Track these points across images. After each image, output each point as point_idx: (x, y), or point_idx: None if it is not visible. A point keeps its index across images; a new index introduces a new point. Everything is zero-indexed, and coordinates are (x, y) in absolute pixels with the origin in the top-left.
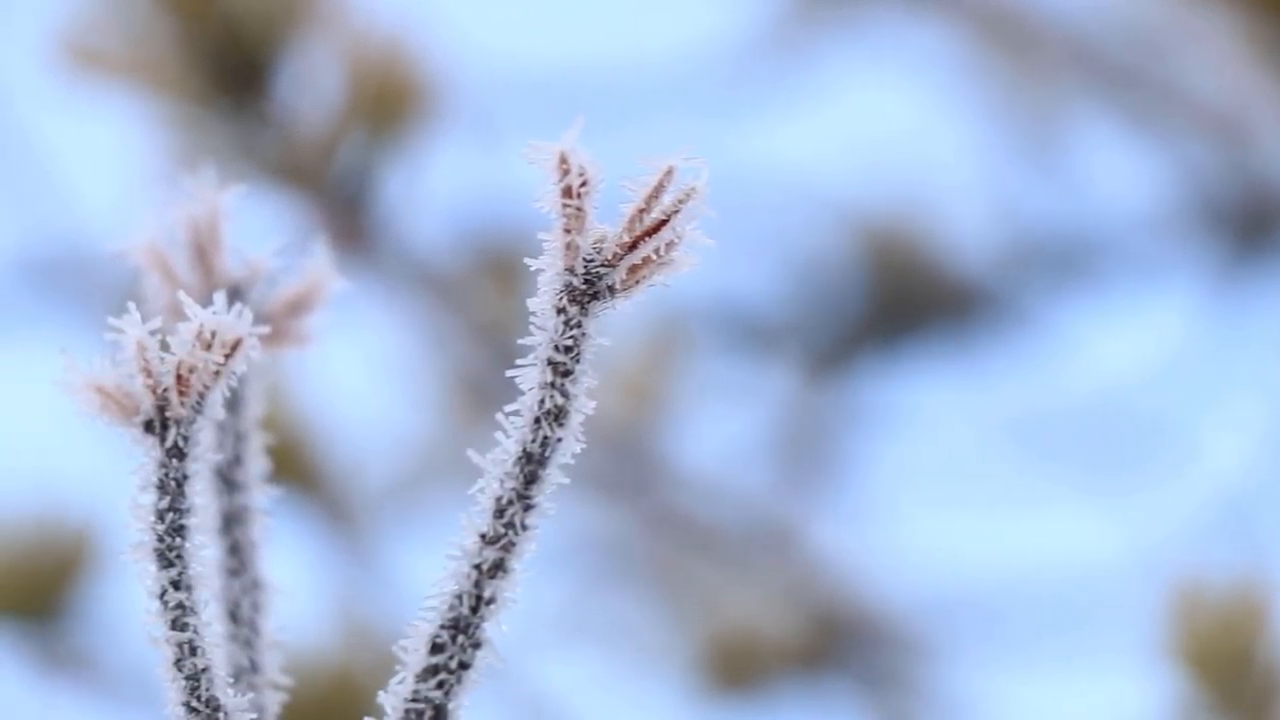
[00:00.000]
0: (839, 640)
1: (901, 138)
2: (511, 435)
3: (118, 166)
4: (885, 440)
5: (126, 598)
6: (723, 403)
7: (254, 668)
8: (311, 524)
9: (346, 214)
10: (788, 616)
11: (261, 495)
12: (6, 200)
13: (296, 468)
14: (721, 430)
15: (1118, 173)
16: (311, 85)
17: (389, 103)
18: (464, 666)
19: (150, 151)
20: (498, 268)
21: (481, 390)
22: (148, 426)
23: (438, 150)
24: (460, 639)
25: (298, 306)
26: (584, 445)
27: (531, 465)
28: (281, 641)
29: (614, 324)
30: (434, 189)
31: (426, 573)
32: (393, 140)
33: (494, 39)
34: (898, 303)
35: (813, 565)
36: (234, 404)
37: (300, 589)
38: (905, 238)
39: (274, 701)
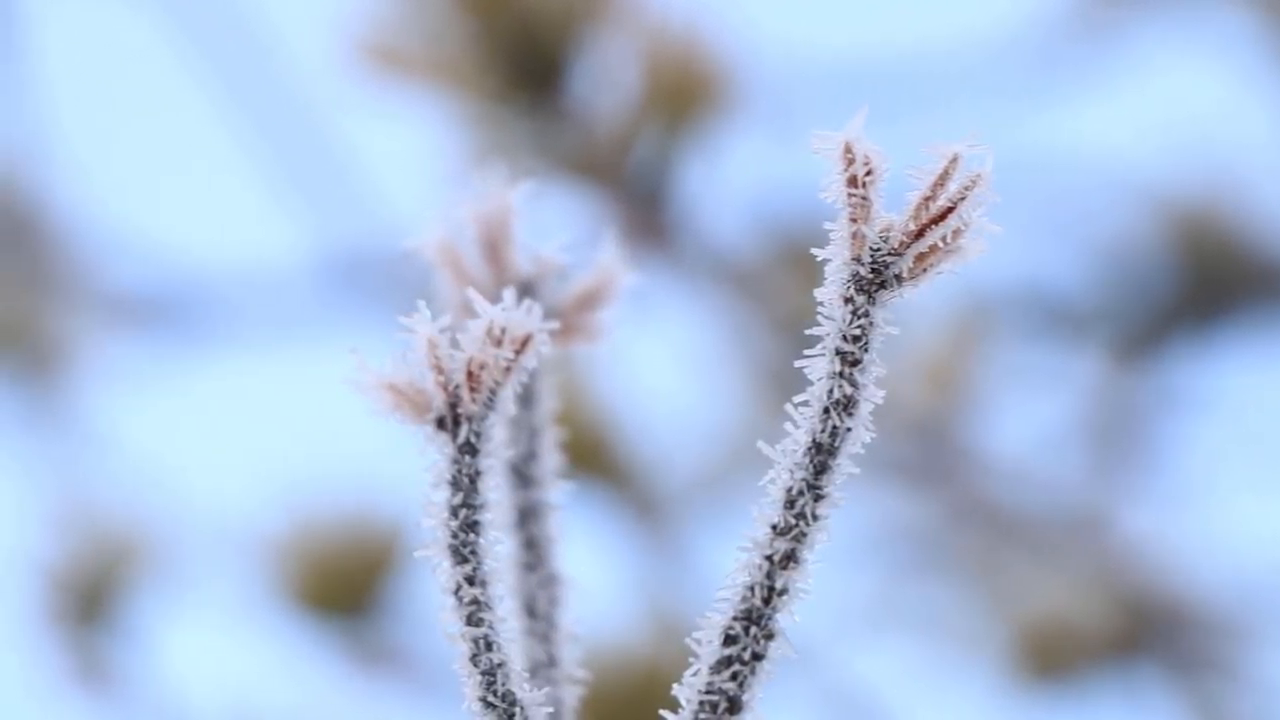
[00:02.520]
0: (1151, 627)
1: (1209, 118)
2: (801, 425)
3: (417, 165)
4: (1196, 424)
5: (435, 593)
6: (1030, 389)
7: (551, 662)
8: (619, 518)
9: (644, 208)
10: (1098, 603)
11: (556, 490)
12: (306, 201)
13: (602, 462)
14: (1030, 417)
15: None
16: (607, 80)
17: (685, 96)
18: (757, 658)
19: (448, 150)
20: (797, 259)
21: (783, 381)
22: (440, 423)
23: (734, 142)
24: (753, 630)
25: (589, 301)
26: (883, 435)
27: (821, 455)
28: (579, 635)
29: (918, 312)
30: (731, 181)
31: (730, 565)
32: (689, 133)
33: (789, 29)
34: (1208, 285)
35: (1124, 551)
36: (527, 399)
37: (608, 583)
38: (1214, 219)
39: (571, 695)
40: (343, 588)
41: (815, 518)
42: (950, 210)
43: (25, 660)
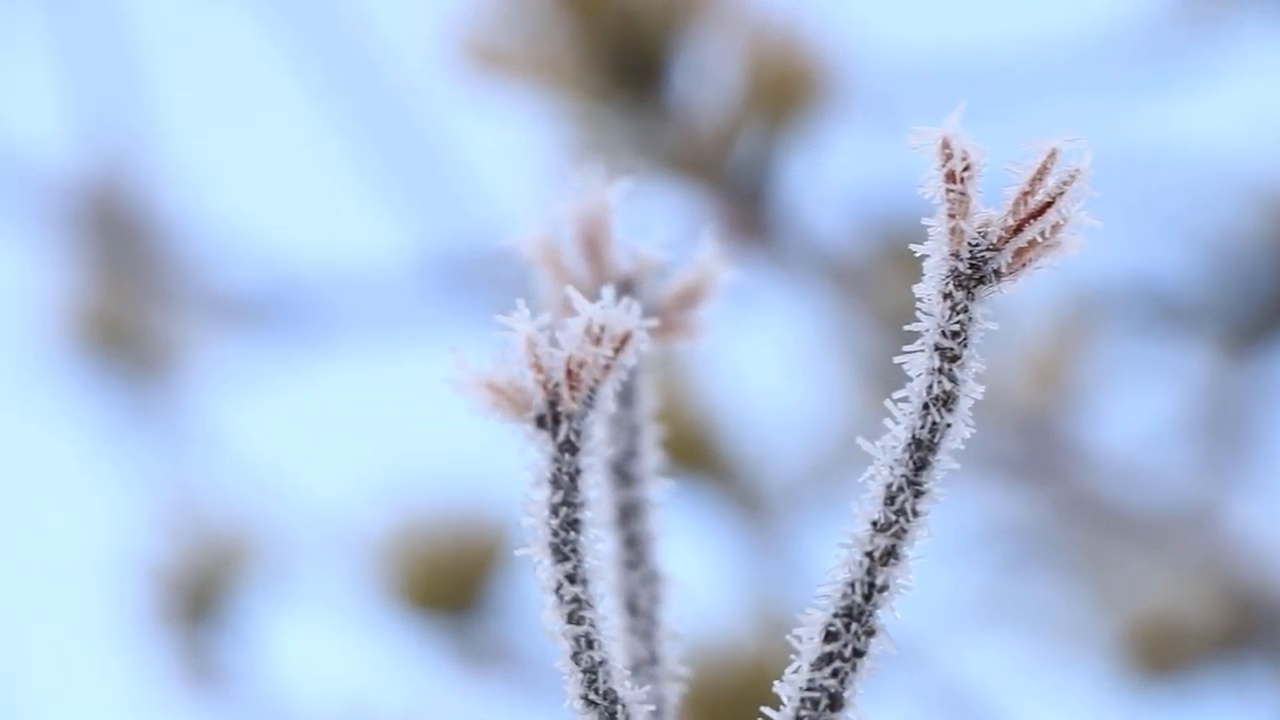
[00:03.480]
0: (1259, 621)
1: None
2: (901, 422)
3: (519, 164)
4: None
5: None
6: (1138, 383)
7: (653, 659)
8: (724, 515)
9: (746, 205)
10: (1207, 598)
11: (657, 488)
12: (409, 200)
13: (707, 460)
14: (1137, 411)
15: None
16: (709, 77)
17: (786, 92)
18: (858, 654)
19: (549, 148)
20: (899, 254)
21: (886, 377)
22: (539, 422)
23: (835, 138)
24: (854, 626)
25: (688, 299)
26: (990, 430)
27: (921, 451)
28: (680, 632)
29: (1025, 306)
30: (832, 177)
31: (832, 561)
32: (790, 129)
33: (890, 24)
34: None
35: (1233, 546)
36: (627, 397)
37: (714, 580)
38: None
39: (673, 693)
40: (449, 586)
41: (915, 514)
42: (1049, 205)
43: (136, 660)
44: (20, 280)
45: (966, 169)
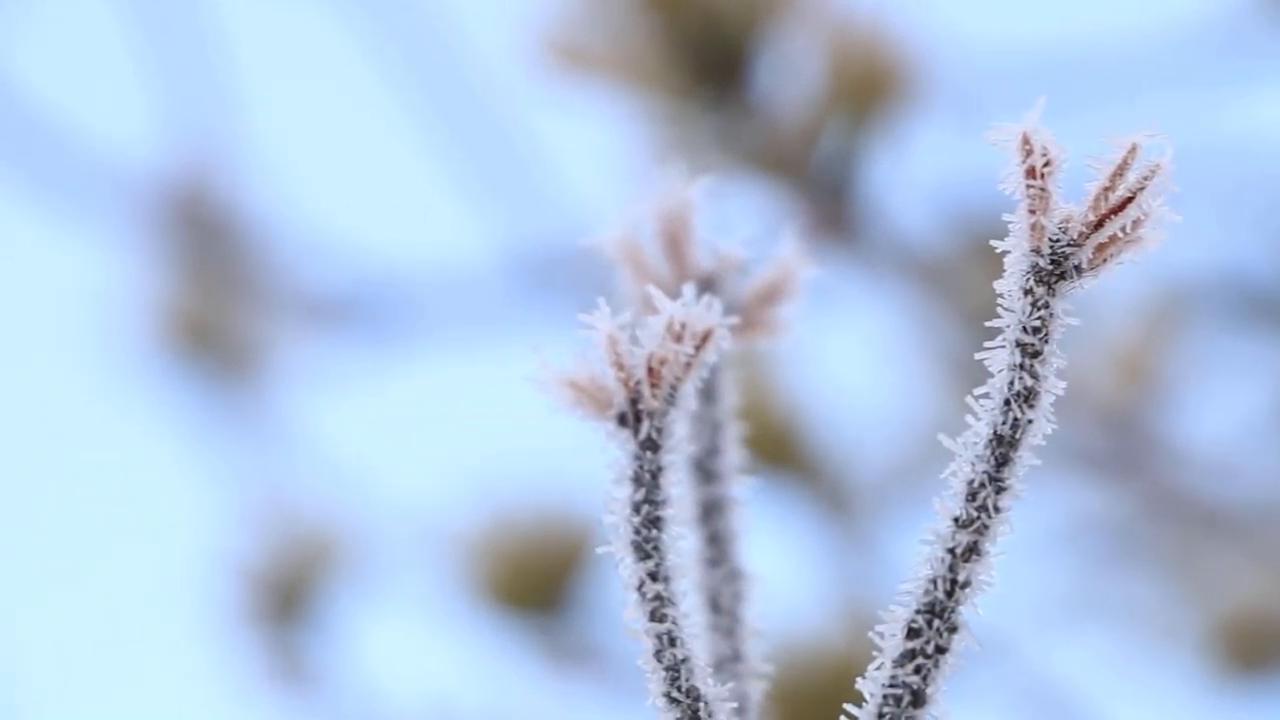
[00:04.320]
0: None
1: None
2: (982, 418)
3: (602, 163)
4: None
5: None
6: (1225, 378)
7: (735, 657)
8: (811, 513)
9: (830, 202)
10: None
11: (739, 485)
12: (493, 199)
13: (794, 457)
14: (1225, 406)
15: None
16: (791, 74)
17: (869, 88)
18: (940, 651)
19: (633, 146)
20: (984, 250)
21: (972, 373)
22: (621, 420)
23: (919, 134)
24: (936, 623)
25: (770, 296)
26: (1077, 426)
27: (1002, 448)
28: (763, 630)
29: (1111, 301)
30: (916, 173)
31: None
32: (874, 126)
33: (973, 19)
34: None
35: None
36: (708, 395)
37: (801, 578)
38: None
39: (756, 690)
40: (536, 584)
41: (997, 510)
42: (1130, 200)
43: (225, 660)
44: (110, 282)
45: (1047, 165)
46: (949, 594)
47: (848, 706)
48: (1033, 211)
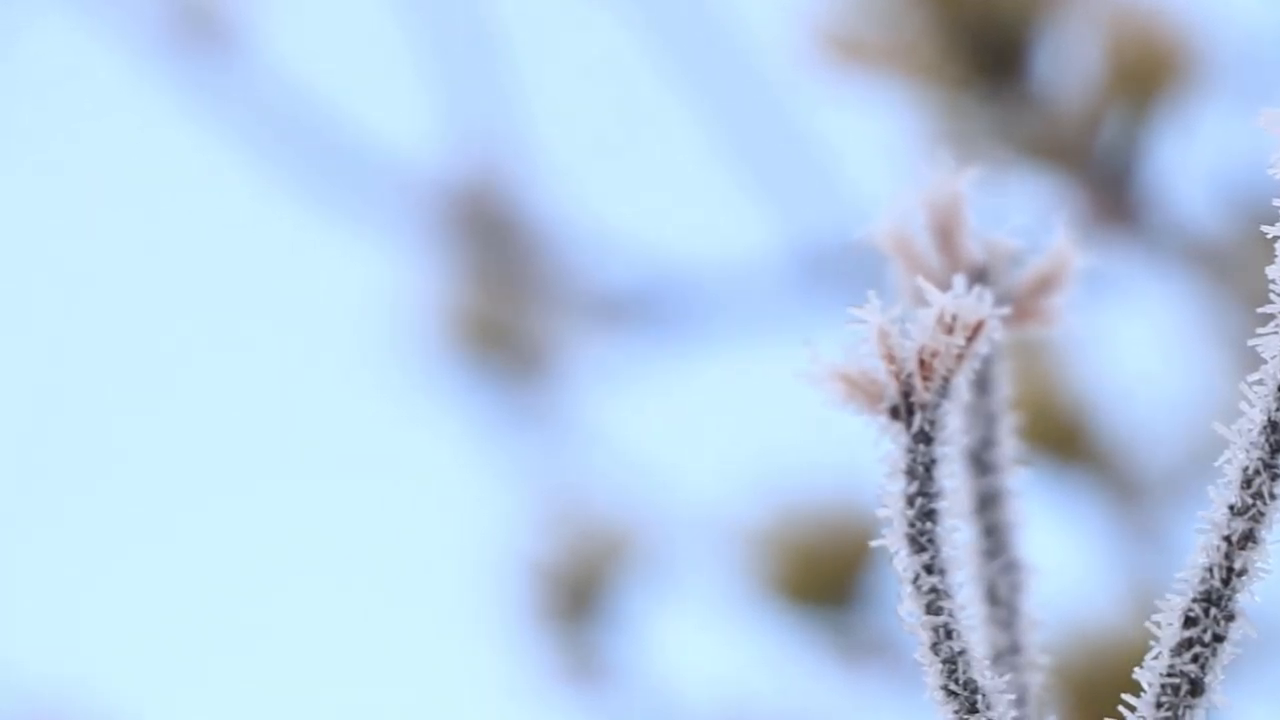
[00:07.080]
0: None
1: None
2: (1255, 405)
3: (879, 155)
4: None
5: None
6: None
7: (1013, 648)
8: (1099, 503)
9: (1111, 190)
10: None
11: (1016, 477)
12: (773, 193)
13: (1081, 447)
14: None
15: None
16: (1070, 61)
17: (1151, 73)
18: (1218, 639)
19: (909, 138)
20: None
21: (1257, 360)
22: (893, 413)
23: (1202, 118)
24: (1213, 611)
25: (1044, 286)
26: None
27: (1277, 434)
28: (1042, 621)
29: None
30: (1199, 158)
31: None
32: (1156, 112)
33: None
34: None
35: None
36: (982, 386)
37: (1091, 569)
38: None
39: (1035, 682)
40: (827, 579)
41: (1273, 497)
42: None
43: (518, 658)
44: (399, 284)
45: None
46: (1225, 582)
47: (1125, 696)
48: None
